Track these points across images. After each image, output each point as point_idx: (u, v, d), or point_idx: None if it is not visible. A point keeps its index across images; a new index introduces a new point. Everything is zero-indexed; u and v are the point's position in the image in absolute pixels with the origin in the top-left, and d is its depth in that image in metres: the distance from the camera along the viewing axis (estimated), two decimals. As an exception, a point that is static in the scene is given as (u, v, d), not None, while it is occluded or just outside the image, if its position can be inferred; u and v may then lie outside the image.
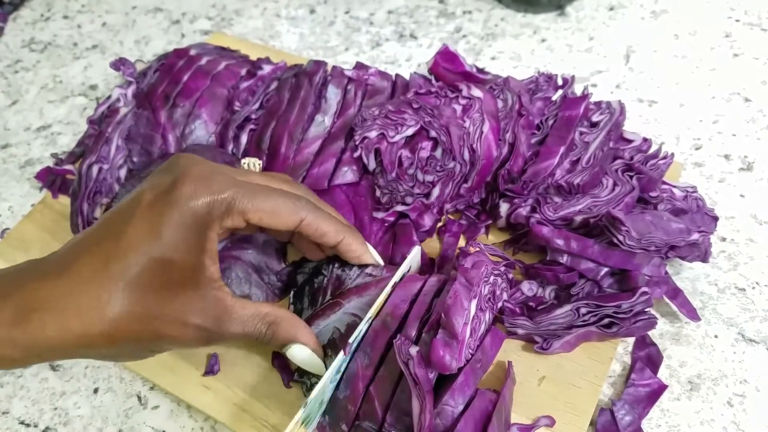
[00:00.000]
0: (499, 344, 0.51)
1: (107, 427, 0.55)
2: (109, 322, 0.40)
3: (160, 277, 0.41)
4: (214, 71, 0.71)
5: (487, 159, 0.58)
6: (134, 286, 0.41)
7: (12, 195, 0.74)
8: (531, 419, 0.50)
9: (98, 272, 0.40)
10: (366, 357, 0.48)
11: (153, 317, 0.41)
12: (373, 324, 0.49)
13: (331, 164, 0.63)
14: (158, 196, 0.42)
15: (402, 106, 0.60)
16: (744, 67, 0.76)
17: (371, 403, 0.47)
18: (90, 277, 0.40)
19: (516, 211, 0.58)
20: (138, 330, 0.41)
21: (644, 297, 0.51)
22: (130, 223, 0.42)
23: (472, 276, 0.49)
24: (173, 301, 0.42)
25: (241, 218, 0.45)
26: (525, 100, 0.61)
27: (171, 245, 0.41)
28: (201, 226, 0.43)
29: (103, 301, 0.40)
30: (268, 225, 0.46)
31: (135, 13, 0.97)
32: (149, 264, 0.41)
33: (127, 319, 0.41)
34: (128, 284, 0.41)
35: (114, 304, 0.40)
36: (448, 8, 0.90)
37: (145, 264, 0.41)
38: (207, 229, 0.43)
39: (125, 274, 0.41)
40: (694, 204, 0.57)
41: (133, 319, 0.41)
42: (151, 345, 0.43)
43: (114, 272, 0.40)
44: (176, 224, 0.42)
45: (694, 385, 0.53)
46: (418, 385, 0.44)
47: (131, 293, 0.41)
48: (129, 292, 0.41)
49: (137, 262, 0.41)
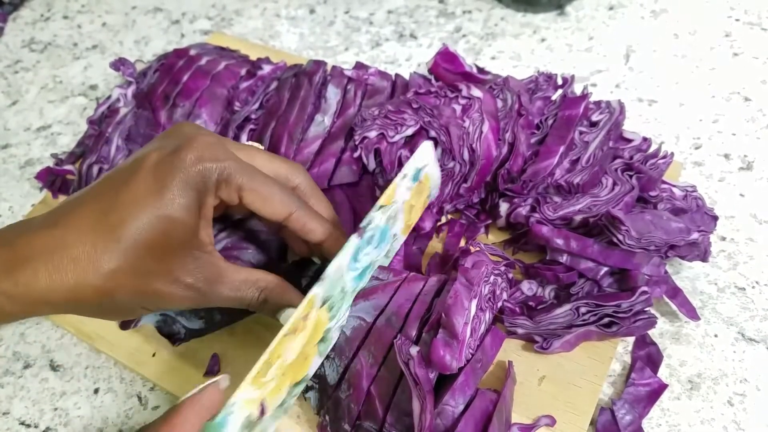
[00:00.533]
0: (499, 344, 0.51)
1: (107, 427, 0.55)
2: (104, 274, 0.40)
3: (157, 235, 0.41)
4: (214, 71, 0.71)
5: (486, 159, 0.58)
6: (131, 240, 0.41)
7: (12, 195, 0.74)
8: (531, 419, 0.50)
9: (95, 224, 0.40)
10: (370, 356, 0.48)
11: (147, 272, 0.42)
12: (377, 323, 0.49)
13: (331, 164, 0.63)
14: (164, 158, 0.43)
15: (402, 106, 0.60)
16: (744, 67, 0.76)
17: (372, 403, 0.47)
18: (87, 228, 0.40)
19: (516, 210, 0.58)
20: (131, 284, 0.41)
21: (644, 296, 0.51)
22: (132, 180, 0.42)
23: (473, 276, 0.49)
24: (168, 259, 0.42)
25: (235, 194, 0.45)
26: (524, 100, 0.61)
27: (172, 204, 0.42)
28: (201, 190, 0.43)
29: (99, 253, 0.40)
30: (258, 209, 0.46)
31: (135, 13, 0.97)
32: (148, 220, 0.41)
33: (122, 273, 0.41)
34: (125, 238, 0.40)
35: (110, 257, 0.40)
36: (448, 8, 0.90)
37: (144, 219, 0.41)
38: (205, 195, 0.44)
39: (123, 228, 0.40)
40: (693, 203, 0.57)
41: (127, 273, 0.41)
42: (143, 301, 0.43)
43: (112, 225, 0.40)
44: (179, 185, 0.42)
45: (695, 385, 0.53)
46: (418, 385, 0.44)
47: (127, 247, 0.41)
48: (125, 246, 0.40)
49: (136, 216, 0.41)
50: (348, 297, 0.49)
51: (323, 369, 0.50)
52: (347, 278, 0.48)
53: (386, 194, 0.50)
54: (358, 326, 0.50)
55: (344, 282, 0.47)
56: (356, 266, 0.48)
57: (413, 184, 0.53)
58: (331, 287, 0.46)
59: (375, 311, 0.50)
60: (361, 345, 0.49)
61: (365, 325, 0.49)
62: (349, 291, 0.49)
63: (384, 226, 0.51)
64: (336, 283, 0.46)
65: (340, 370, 0.49)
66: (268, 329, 0.57)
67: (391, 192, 0.50)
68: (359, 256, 0.48)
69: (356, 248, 0.47)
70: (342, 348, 0.49)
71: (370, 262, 0.51)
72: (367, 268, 0.51)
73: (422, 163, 0.54)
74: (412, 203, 0.55)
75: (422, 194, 0.56)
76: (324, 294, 0.45)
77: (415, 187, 0.54)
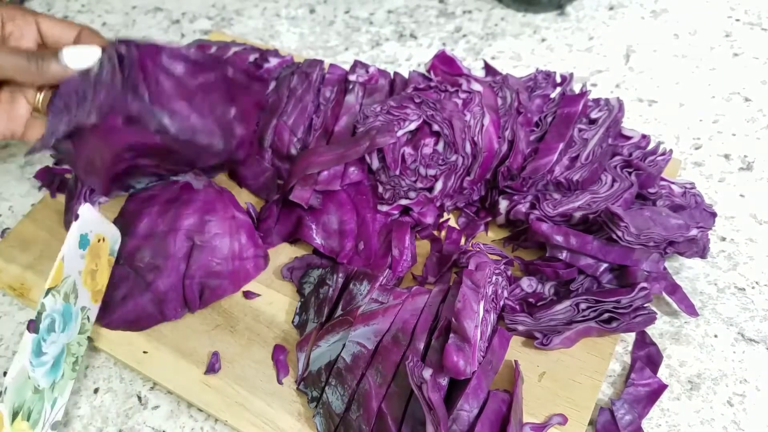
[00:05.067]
0: (506, 344, 0.51)
1: (107, 427, 0.55)
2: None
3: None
4: (224, 57, 0.72)
5: (488, 151, 0.59)
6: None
7: (12, 195, 0.74)
8: (532, 415, 0.49)
9: None
10: (378, 375, 0.48)
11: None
12: (383, 341, 0.49)
13: (341, 165, 0.62)
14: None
15: (404, 101, 0.60)
16: (744, 67, 0.76)
17: (384, 422, 0.46)
18: None
19: (515, 207, 0.58)
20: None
21: (643, 292, 0.51)
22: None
23: (478, 279, 0.49)
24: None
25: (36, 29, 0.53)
26: (523, 98, 0.61)
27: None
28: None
29: None
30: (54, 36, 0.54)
31: (135, 13, 0.97)
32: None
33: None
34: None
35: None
36: (448, 8, 0.90)
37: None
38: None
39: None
40: (692, 200, 0.57)
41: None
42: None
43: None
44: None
45: (694, 385, 0.53)
46: (432, 410, 0.43)
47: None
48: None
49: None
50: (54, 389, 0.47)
51: (326, 396, 0.49)
52: (37, 375, 0.46)
53: (51, 276, 0.48)
54: (358, 352, 0.49)
55: (35, 381, 0.45)
56: (43, 360, 0.46)
57: (85, 251, 0.51)
58: (18, 395, 0.43)
59: (375, 337, 0.50)
60: (367, 367, 0.49)
61: (366, 352, 0.49)
62: (46, 386, 0.46)
63: (63, 306, 0.49)
64: (23, 388, 0.44)
65: (345, 398, 0.48)
66: (269, 328, 0.57)
67: (58, 272, 0.48)
68: (43, 349, 0.46)
69: (35, 343, 0.45)
70: (344, 376, 0.49)
71: (62, 345, 0.49)
72: (60, 354, 0.48)
73: (86, 229, 0.52)
74: (93, 267, 0.53)
75: (103, 253, 0.54)
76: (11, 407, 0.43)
77: (89, 251, 0.52)
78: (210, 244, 0.58)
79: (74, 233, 0.50)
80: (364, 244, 0.59)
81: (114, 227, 0.56)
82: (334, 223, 0.60)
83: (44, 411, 0.47)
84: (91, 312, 0.54)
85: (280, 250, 0.63)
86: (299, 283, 0.59)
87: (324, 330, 0.52)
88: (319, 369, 0.51)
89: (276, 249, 0.62)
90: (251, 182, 0.68)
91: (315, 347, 0.52)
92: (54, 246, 0.65)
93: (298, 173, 0.61)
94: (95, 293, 0.54)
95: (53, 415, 0.48)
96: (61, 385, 0.49)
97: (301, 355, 0.53)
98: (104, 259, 0.54)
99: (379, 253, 0.59)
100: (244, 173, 0.68)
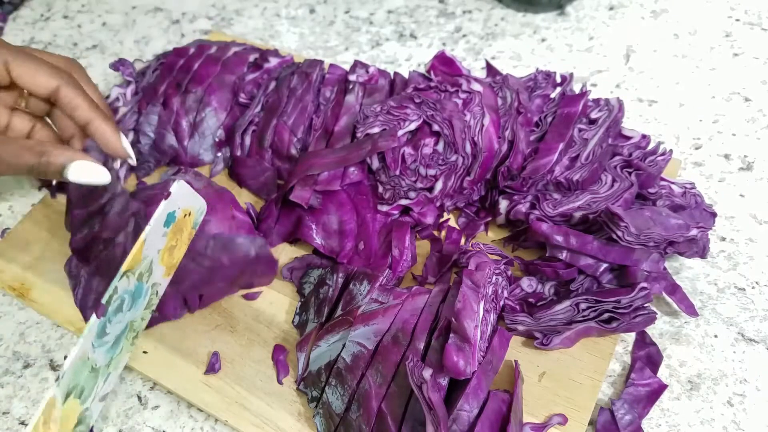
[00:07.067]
0: (506, 344, 0.51)
1: (107, 427, 0.55)
2: None
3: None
4: (224, 57, 0.73)
5: (489, 151, 0.59)
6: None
7: (12, 195, 0.74)
8: (532, 415, 0.49)
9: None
10: (378, 375, 0.48)
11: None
12: (383, 341, 0.49)
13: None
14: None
15: (404, 101, 0.60)
16: (744, 67, 0.76)
17: (384, 422, 0.46)
18: None
19: (515, 207, 0.58)
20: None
21: (643, 292, 0.51)
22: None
23: (478, 278, 0.49)
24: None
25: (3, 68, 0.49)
26: (524, 98, 0.61)
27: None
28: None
29: None
30: (26, 83, 0.49)
31: (135, 13, 0.97)
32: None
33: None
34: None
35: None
36: (448, 8, 0.90)
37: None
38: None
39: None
40: (692, 200, 0.57)
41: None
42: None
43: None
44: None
45: (694, 385, 0.53)
46: (432, 410, 0.43)
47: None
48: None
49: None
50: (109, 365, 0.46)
51: (326, 396, 0.49)
52: (97, 356, 0.45)
53: (129, 259, 0.45)
54: (358, 352, 0.49)
55: (93, 361, 0.45)
56: (105, 340, 0.45)
57: (168, 228, 0.49)
58: (74, 378, 0.43)
59: (375, 337, 0.50)
60: (367, 367, 0.49)
61: (366, 352, 0.49)
62: (102, 364, 0.46)
63: (135, 286, 0.47)
64: (80, 371, 0.43)
65: (345, 398, 0.48)
66: (269, 328, 0.57)
67: (137, 254, 0.46)
68: (107, 330, 0.45)
69: (100, 327, 0.44)
70: (343, 375, 0.49)
71: (126, 324, 0.48)
72: (122, 332, 0.48)
73: (174, 206, 0.49)
74: (173, 244, 0.51)
75: (186, 227, 0.52)
76: (66, 390, 0.42)
77: (172, 228, 0.50)
78: (210, 244, 0.58)
79: (162, 212, 0.48)
80: (364, 244, 0.59)
81: (201, 199, 0.53)
82: (334, 223, 0.60)
83: (96, 386, 0.46)
84: (160, 287, 0.52)
85: (280, 250, 0.63)
86: (299, 283, 0.59)
87: (324, 330, 0.52)
88: (319, 369, 0.51)
89: (276, 249, 0.62)
90: (251, 182, 0.68)
91: (315, 347, 0.52)
92: (54, 246, 0.65)
93: (299, 174, 0.61)
94: (169, 268, 0.52)
95: (104, 388, 0.47)
96: (117, 359, 0.48)
97: (301, 355, 0.53)
98: (186, 233, 0.53)
99: (379, 253, 0.59)
100: (244, 173, 0.68)
